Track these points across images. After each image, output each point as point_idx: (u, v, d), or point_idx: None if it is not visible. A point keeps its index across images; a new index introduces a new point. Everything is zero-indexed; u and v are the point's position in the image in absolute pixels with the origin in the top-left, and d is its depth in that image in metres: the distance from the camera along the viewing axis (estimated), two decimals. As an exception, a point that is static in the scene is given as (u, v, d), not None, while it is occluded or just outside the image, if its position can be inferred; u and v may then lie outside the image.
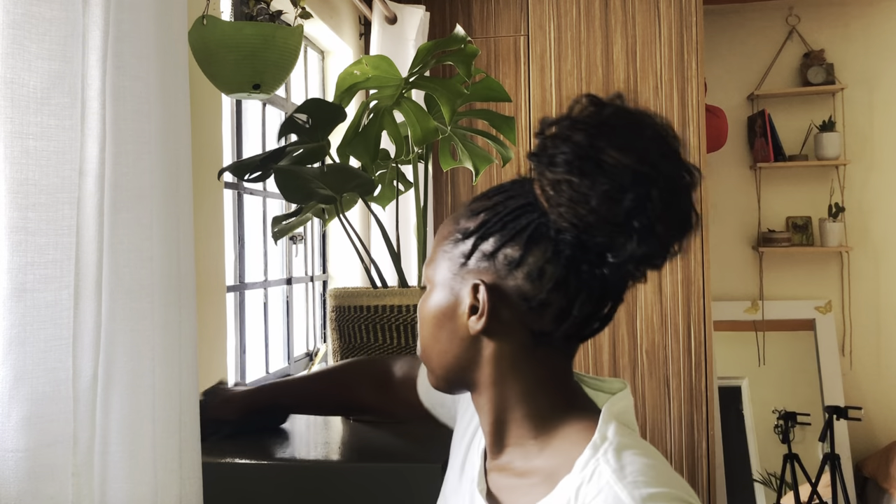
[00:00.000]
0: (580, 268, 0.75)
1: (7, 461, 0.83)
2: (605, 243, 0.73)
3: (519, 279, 0.77)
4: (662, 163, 0.72)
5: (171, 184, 1.02)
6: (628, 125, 0.74)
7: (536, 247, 0.76)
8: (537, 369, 0.81)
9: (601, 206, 0.71)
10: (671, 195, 0.72)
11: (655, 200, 0.71)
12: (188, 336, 1.05)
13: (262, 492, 1.15)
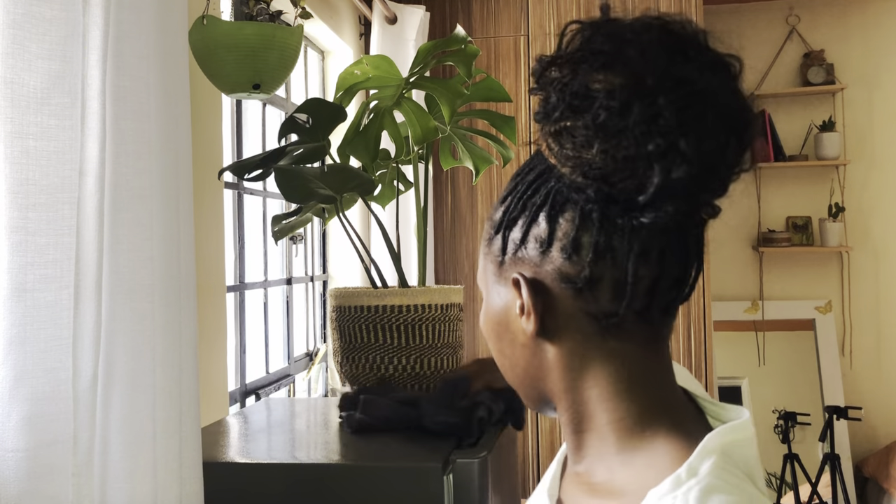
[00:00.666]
0: (616, 225, 0.62)
1: (7, 461, 0.83)
2: (629, 186, 0.59)
3: (556, 260, 0.64)
4: (670, 64, 0.59)
5: (171, 184, 1.02)
6: (615, 38, 0.60)
7: (562, 217, 0.64)
8: (613, 365, 0.66)
9: (605, 141, 0.59)
10: (690, 98, 0.58)
11: (665, 113, 0.57)
12: (188, 336, 1.05)
13: (262, 492, 1.15)
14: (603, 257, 0.62)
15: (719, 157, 0.59)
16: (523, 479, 3.16)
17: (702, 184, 0.59)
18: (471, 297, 3.24)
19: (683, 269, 0.65)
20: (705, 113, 0.58)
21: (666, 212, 0.59)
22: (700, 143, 0.58)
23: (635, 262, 0.62)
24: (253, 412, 1.60)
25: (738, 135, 0.60)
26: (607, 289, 0.63)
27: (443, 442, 1.23)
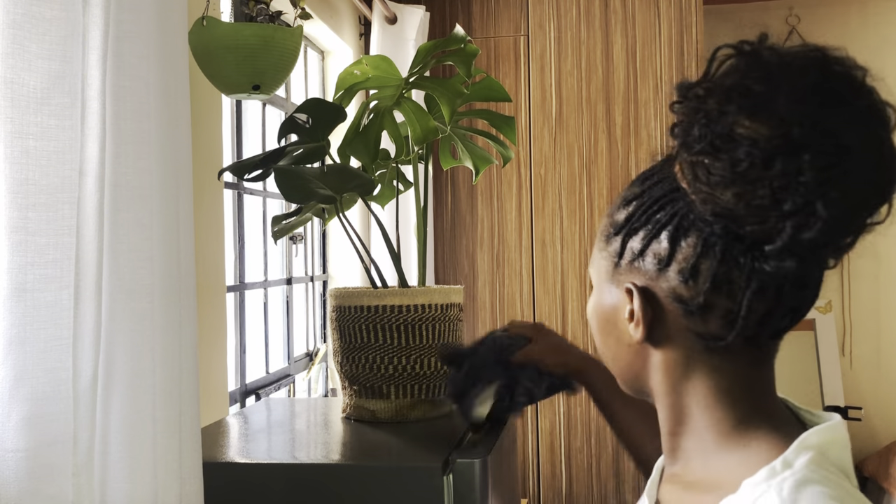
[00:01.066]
0: (738, 262, 0.63)
1: (7, 461, 0.83)
2: (757, 232, 0.60)
3: (672, 280, 0.66)
4: (821, 115, 0.57)
5: (171, 184, 1.02)
6: (769, 79, 0.59)
7: (685, 241, 0.65)
8: (715, 378, 0.69)
9: (742, 187, 0.58)
10: (835, 157, 0.57)
11: (808, 172, 0.56)
12: (188, 336, 1.05)
13: (262, 492, 1.15)
14: (719, 288, 0.64)
15: (857, 217, 0.61)
16: (523, 479, 3.16)
17: (832, 240, 0.61)
18: (471, 296, 3.24)
19: (800, 301, 0.66)
20: (849, 172, 0.57)
21: (789, 264, 0.61)
22: (839, 204, 0.58)
23: (751, 298, 0.63)
24: (253, 412, 1.60)
25: (881, 193, 0.60)
26: (719, 316, 0.65)
27: (442, 442, 1.23)
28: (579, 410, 3.14)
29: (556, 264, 3.18)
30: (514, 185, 3.23)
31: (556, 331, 1.17)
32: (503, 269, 3.23)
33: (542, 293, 3.19)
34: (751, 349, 0.68)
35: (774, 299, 0.64)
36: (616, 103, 3.16)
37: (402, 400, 1.40)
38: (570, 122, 3.18)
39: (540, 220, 3.20)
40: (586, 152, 3.17)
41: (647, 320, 0.69)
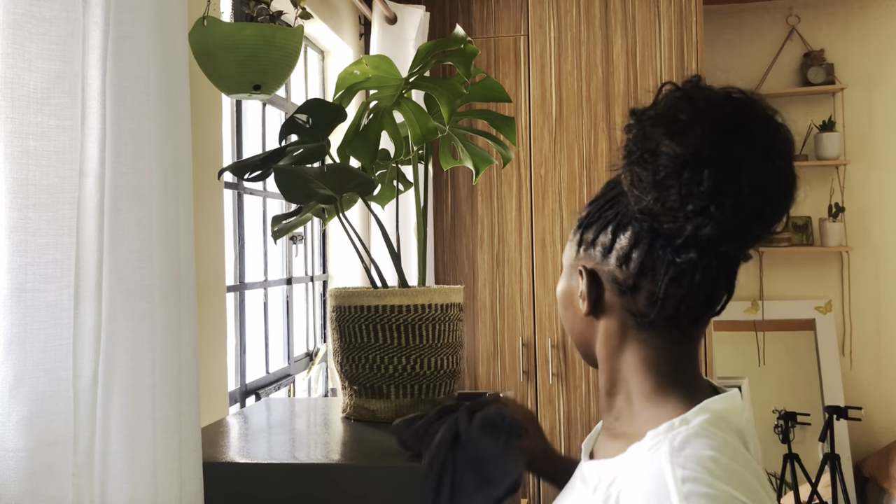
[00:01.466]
0: (659, 253, 0.79)
1: (7, 461, 0.83)
2: (671, 229, 0.76)
3: (611, 265, 0.83)
4: (727, 143, 0.73)
5: (171, 184, 1.02)
6: (693, 110, 0.75)
7: (623, 234, 0.82)
8: (643, 349, 0.84)
9: (659, 192, 0.75)
10: (732, 174, 0.72)
11: (706, 182, 0.72)
12: (188, 336, 1.05)
13: (262, 492, 1.15)
14: (644, 274, 0.81)
15: (749, 224, 0.75)
16: (523, 479, 3.16)
17: (726, 241, 0.75)
18: (470, 296, 3.24)
19: (710, 291, 0.80)
20: (742, 188, 0.73)
21: (692, 256, 0.77)
22: (733, 211, 0.73)
23: (667, 284, 0.80)
24: (253, 412, 1.60)
25: (773, 209, 0.75)
26: (644, 297, 0.82)
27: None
28: (579, 410, 3.14)
29: (556, 264, 3.18)
30: (514, 185, 3.23)
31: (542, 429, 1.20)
32: (503, 269, 3.23)
33: (542, 293, 3.19)
34: (672, 328, 0.83)
35: (688, 287, 0.79)
36: (616, 103, 3.16)
37: (402, 400, 1.40)
38: (570, 122, 3.18)
39: (540, 220, 3.20)
40: (586, 152, 3.17)
41: (591, 297, 0.86)
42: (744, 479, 0.74)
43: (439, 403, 1.43)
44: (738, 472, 0.74)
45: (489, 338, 3.22)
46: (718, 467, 0.73)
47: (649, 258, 0.80)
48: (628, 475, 0.78)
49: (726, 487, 0.72)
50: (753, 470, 0.76)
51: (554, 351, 3.16)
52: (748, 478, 0.74)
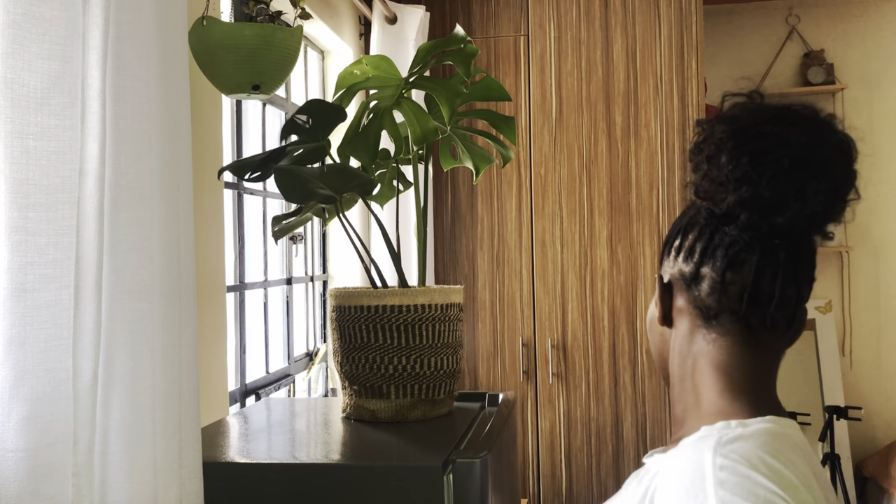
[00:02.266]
0: (716, 239, 0.84)
1: (7, 461, 0.83)
2: (721, 206, 0.81)
3: (680, 262, 0.88)
4: (770, 123, 0.79)
5: (171, 184, 1.02)
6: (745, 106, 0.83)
7: (690, 232, 0.87)
8: (710, 349, 0.86)
9: (710, 167, 0.81)
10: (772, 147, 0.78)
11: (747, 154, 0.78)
12: (188, 336, 1.05)
13: (262, 492, 1.15)
14: (705, 261, 0.84)
15: (787, 199, 0.77)
16: (523, 479, 3.16)
17: (769, 214, 0.78)
18: (470, 296, 3.24)
19: (775, 285, 0.82)
20: (782, 159, 0.77)
21: (744, 236, 0.81)
22: (773, 182, 0.77)
23: (724, 267, 0.83)
24: (253, 412, 1.60)
25: (814, 187, 0.77)
26: (707, 286, 0.84)
27: (443, 442, 1.23)
28: (579, 410, 3.14)
29: (556, 264, 3.18)
30: (514, 185, 3.23)
31: None
32: (503, 269, 3.23)
33: (542, 293, 3.19)
34: (739, 325, 0.85)
35: (748, 272, 0.82)
36: (616, 103, 3.16)
37: (402, 400, 1.40)
38: (570, 122, 3.18)
39: (540, 220, 3.20)
40: (586, 152, 3.17)
41: (664, 303, 0.89)
42: (791, 483, 0.71)
43: (439, 403, 1.43)
44: (786, 476, 0.72)
45: (489, 338, 3.22)
46: (764, 465, 0.73)
47: (710, 246, 0.84)
48: (671, 462, 0.78)
49: (766, 482, 0.71)
50: (807, 484, 0.73)
51: (554, 351, 3.16)
52: (797, 485, 0.72)
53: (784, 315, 0.85)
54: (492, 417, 1.42)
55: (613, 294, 3.14)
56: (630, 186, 3.14)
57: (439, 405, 1.44)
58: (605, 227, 3.15)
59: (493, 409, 1.50)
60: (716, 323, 0.85)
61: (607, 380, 3.13)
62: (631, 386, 3.12)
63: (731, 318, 0.84)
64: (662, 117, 3.12)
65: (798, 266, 0.83)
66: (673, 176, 3.11)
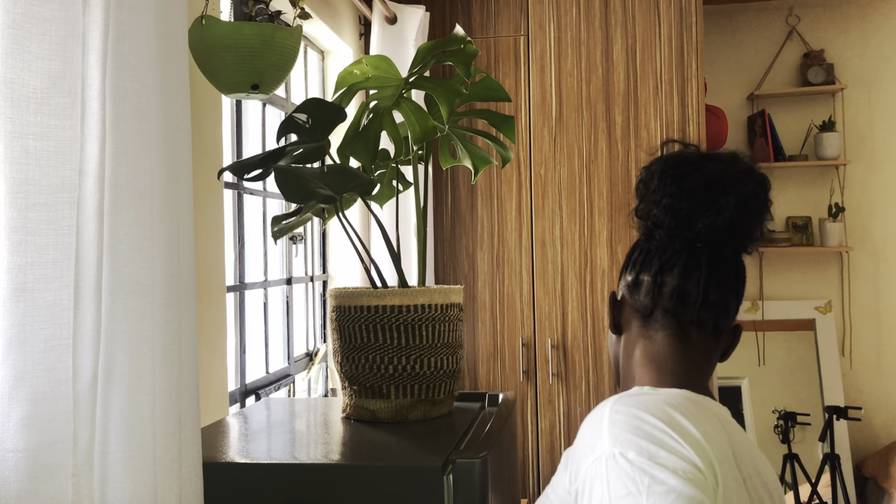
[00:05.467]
0: (650, 249, 1.01)
1: (7, 461, 0.83)
2: (654, 218, 1.00)
3: (625, 276, 1.05)
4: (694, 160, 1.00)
5: (171, 184, 1.02)
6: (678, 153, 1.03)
7: (634, 252, 1.04)
8: (648, 346, 1.01)
9: (646, 189, 1.02)
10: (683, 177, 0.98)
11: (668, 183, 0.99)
12: (188, 336, 1.05)
13: (262, 492, 1.15)
14: (644, 269, 1.01)
15: (706, 205, 0.96)
16: (523, 479, 3.16)
17: (689, 220, 0.98)
18: (470, 296, 3.24)
19: (703, 288, 0.98)
20: (698, 179, 0.97)
21: (670, 243, 1.00)
22: (691, 196, 0.97)
23: (657, 271, 1.00)
24: (253, 412, 1.60)
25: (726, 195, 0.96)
26: (644, 289, 1.01)
27: (443, 442, 1.23)
28: (579, 410, 3.14)
29: (556, 264, 3.18)
30: (514, 185, 3.23)
31: None
32: (503, 269, 3.23)
33: (542, 293, 3.19)
34: (671, 323, 0.99)
35: (679, 277, 0.98)
36: (616, 103, 3.16)
37: (402, 400, 1.40)
38: (570, 122, 3.18)
39: (540, 220, 3.20)
40: (586, 152, 3.17)
41: (613, 315, 1.06)
42: (685, 429, 0.84)
43: (439, 403, 1.43)
44: (682, 424, 0.85)
45: (489, 338, 3.22)
46: (660, 411, 0.86)
47: (647, 256, 1.01)
48: (585, 421, 0.92)
49: (656, 421, 0.84)
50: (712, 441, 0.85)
51: (554, 351, 3.16)
52: (692, 433, 0.84)
53: (711, 316, 0.99)
54: (492, 417, 1.42)
55: (613, 294, 3.13)
56: (630, 186, 3.13)
57: (439, 405, 1.44)
58: (605, 227, 3.15)
59: (493, 409, 1.50)
60: (652, 321, 1.00)
61: (607, 380, 3.13)
62: (631, 386, 3.12)
63: (664, 315, 0.99)
64: (662, 117, 3.12)
65: (721, 275, 0.99)
66: (673, 176, 3.11)
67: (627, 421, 0.85)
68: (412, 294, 1.40)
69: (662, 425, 0.84)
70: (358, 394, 1.42)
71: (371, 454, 1.24)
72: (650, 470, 0.80)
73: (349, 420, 1.45)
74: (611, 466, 0.82)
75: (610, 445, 0.83)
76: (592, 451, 0.85)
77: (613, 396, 0.92)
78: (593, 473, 0.83)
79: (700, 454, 0.82)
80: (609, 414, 0.87)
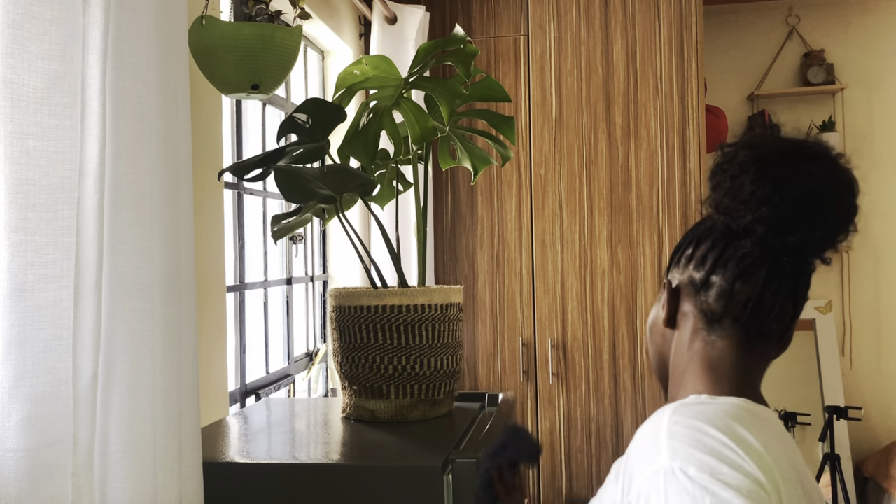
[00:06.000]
0: (729, 252, 0.91)
1: (7, 461, 0.83)
2: (739, 222, 0.88)
3: (690, 269, 0.95)
4: (794, 157, 0.87)
5: (171, 184, 1.02)
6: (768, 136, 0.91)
7: (703, 243, 0.94)
8: (708, 351, 0.93)
9: (732, 185, 0.88)
10: (790, 175, 0.86)
11: (769, 178, 0.86)
12: (188, 336, 1.05)
13: (262, 492, 1.15)
14: (716, 270, 0.92)
15: (800, 222, 0.86)
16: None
17: (782, 234, 0.87)
18: (470, 296, 3.24)
19: (778, 299, 0.90)
20: (800, 187, 0.85)
21: (756, 251, 0.89)
22: (791, 205, 0.85)
23: (735, 277, 0.91)
24: (253, 412, 1.60)
25: (823, 214, 0.86)
26: (715, 293, 0.92)
27: (443, 442, 1.23)
28: (579, 410, 3.14)
29: (556, 264, 3.18)
30: (514, 185, 3.23)
31: None
32: (503, 269, 3.23)
33: (542, 293, 3.19)
34: (738, 333, 0.92)
35: (755, 285, 0.90)
36: (616, 103, 3.16)
37: (402, 400, 1.40)
38: (570, 122, 3.18)
39: (540, 220, 3.20)
40: (586, 152, 3.17)
41: (671, 307, 0.96)
42: (747, 442, 0.79)
43: (439, 403, 1.43)
44: (743, 436, 0.79)
45: (489, 338, 3.22)
46: (722, 422, 0.80)
47: (722, 257, 0.91)
48: (640, 429, 0.86)
49: (717, 433, 0.79)
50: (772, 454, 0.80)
51: (554, 351, 3.16)
52: (754, 445, 0.79)
53: (779, 327, 0.92)
54: (492, 417, 1.42)
55: (613, 294, 3.14)
56: (630, 186, 3.14)
57: (439, 405, 1.44)
58: (605, 227, 3.14)
59: (493, 409, 1.50)
60: (717, 327, 0.92)
61: (607, 380, 3.13)
62: (631, 386, 3.12)
63: (732, 323, 0.92)
64: (662, 117, 3.12)
65: (798, 285, 0.91)
66: (673, 176, 3.11)
67: (688, 433, 0.80)
68: (412, 294, 1.40)
69: (725, 438, 0.79)
70: (358, 394, 1.42)
71: (371, 454, 1.24)
72: (712, 487, 0.75)
73: (349, 420, 1.45)
74: (669, 482, 0.77)
75: (669, 459, 0.78)
76: (649, 464, 0.80)
77: (671, 405, 0.86)
78: (649, 488, 0.79)
79: (764, 470, 0.78)
80: (668, 425, 0.82)
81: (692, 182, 3.10)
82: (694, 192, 3.10)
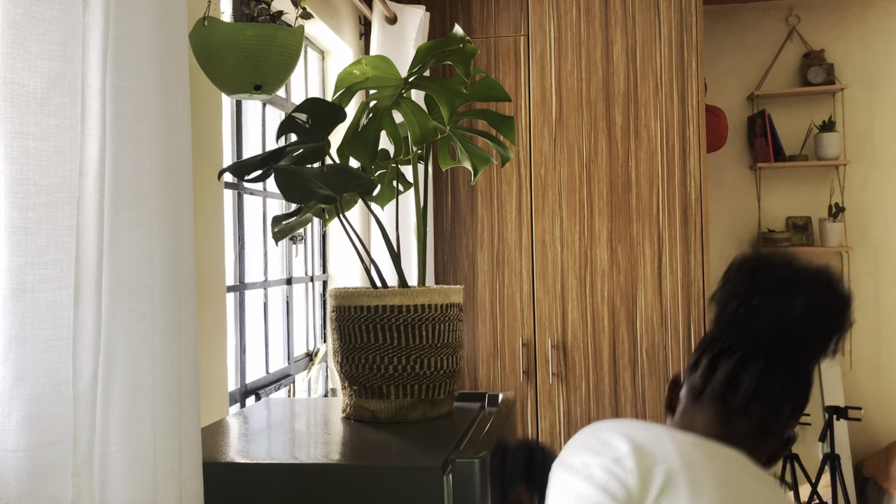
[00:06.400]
0: (717, 329, 1.07)
1: (7, 461, 0.83)
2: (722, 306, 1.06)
3: (690, 362, 1.09)
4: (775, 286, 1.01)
5: (171, 184, 1.02)
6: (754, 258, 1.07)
7: (701, 346, 1.09)
8: (687, 423, 1.05)
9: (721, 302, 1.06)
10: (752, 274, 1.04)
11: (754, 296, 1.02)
12: (188, 336, 1.05)
13: (262, 492, 1.15)
14: (704, 351, 1.06)
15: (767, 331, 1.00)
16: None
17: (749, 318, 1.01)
18: (470, 296, 3.24)
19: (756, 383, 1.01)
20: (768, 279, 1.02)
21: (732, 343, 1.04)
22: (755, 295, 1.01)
23: (716, 355, 1.04)
24: (253, 412, 1.60)
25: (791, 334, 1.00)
26: (701, 371, 1.05)
27: (443, 442, 1.23)
28: (579, 410, 3.14)
29: (556, 264, 3.18)
30: (514, 185, 3.23)
31: None
32: (503, 269, 3.23)
33: (542, 293, 3.19)
34: (718, 407, 1.02)
35: (734, 367, 1.02)
36: (616, 103, 3.16)
37: (402, 400, 1.40)
38: (570, 122, 3.19)
39: (540, 220, 3.20)
40: (586, 152, 3.17)
41: (669, 393, 1.10)
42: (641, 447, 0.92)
43: (439, 403, 1.43)
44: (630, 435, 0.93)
45: (489, 338, 3.22)
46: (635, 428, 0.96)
47: (712, 342, 1.06)
48: None
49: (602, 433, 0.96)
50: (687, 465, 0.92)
51: (554, 351, 3.16)
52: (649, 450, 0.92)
53: (760, 412, 1.00)
54: (492, 417, 1.42)
55: (613, 294, 3.14)
56: (630, 186, 3.14)
57: (439, 405, 1.44)
58: (605, 228, 3.14)
59: (493, 409, 1.50)
60: (699, 402, 1.04)
61: (607, 380, 3.13)
62: (631, 386, 3.12)
63: (712, 397, 1.03)
64: (662, 117, 3.12)
65: (778, 374, 1.00)
66: (673, 176, 3.11)
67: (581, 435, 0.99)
68: (412, 294, 1.40)
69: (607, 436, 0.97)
70: (358, 394, 1.42)
71: (371, 454, 1.24)
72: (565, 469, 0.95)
73: (349, 420, 1.45)
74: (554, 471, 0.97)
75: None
76: None
77: None
78: None
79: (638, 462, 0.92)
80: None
81: (692, 182, 3.10)
82: (694, 192, 3.10)
